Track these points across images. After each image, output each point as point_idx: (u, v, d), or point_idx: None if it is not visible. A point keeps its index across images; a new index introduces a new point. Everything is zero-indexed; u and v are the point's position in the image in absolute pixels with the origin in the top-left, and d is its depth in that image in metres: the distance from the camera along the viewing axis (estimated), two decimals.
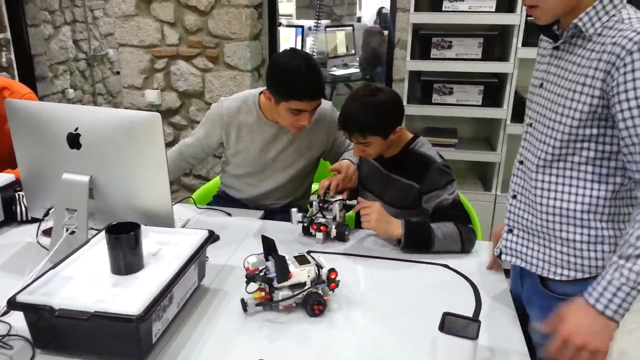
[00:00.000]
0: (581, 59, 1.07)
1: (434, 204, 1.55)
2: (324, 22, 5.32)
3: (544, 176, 1.15)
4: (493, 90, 2.69)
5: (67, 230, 1.34)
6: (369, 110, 1.50)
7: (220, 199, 1.99)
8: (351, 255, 1.50)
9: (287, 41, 5.02)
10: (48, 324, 1.00)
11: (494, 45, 2.69)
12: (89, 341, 1.02)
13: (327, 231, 1.56)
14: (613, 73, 1.00)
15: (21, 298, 1.01)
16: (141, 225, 1.14)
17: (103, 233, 1.25)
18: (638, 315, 1.17)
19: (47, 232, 1.45)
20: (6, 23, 3.55)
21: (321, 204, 1.59)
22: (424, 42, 2.70)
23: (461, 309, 1.12)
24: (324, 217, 1.58)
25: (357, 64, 5.42)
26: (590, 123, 1.06)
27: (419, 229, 1.49)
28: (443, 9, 2.59)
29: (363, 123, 1.50)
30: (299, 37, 5.00)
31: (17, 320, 1.07)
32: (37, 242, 1.47)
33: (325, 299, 1.21)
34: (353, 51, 5.42)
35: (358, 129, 1.52)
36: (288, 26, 5.13)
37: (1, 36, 3.53)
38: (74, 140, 1.34)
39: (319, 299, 1.20)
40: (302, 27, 5.00)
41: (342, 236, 1.57)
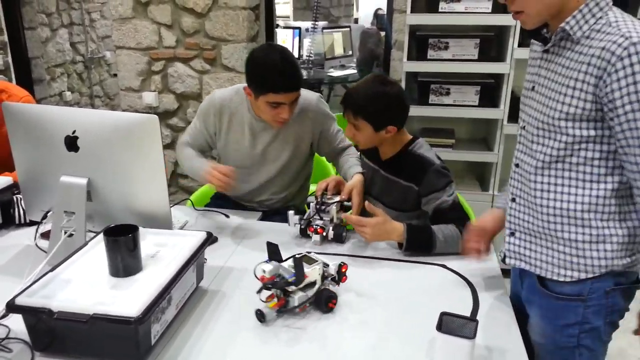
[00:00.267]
0: (570, 62, 1.08)
1: (434, 206, 1.55)
2: (321, 24, 5.32)
3: (543, 177, 1.15)
4: (490, 90, 2.70)
5: (66, 232, 1.34)
6: (369, 95, 1.55)
7: (218, 200, 1.99)
8: (349, 256, 1.50)
9: (285, 42, 5.03)
10: (47, 327, 1.01)
11: (490, 46, 2.70)
12: (88, 343, 1.02)
13: (324, 233, 1.56)
14: (605, 78, 1.00)
15: (20, 301, 1.01)
16: (139, 227, 1.15)
17: (101, 235, 1.25)
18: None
19: (46, 235, 1.45)
20: (3, 26, 3.55)
21: (318, 206, 1.59)
22: (421, 43, 2.71)
23: (459, 309, 1.12)
24: (321, 219, 1.58)
25: (355, 65, 5.43)
26: (586, 125, 1.06)
27: (421, 232, 1.49)
28: (439, 10, 2.59)
29: (358, 104, 1.56)
30: (296, 39, 5.00)
31: (16, 323, 1.07)
32: (36, 245, 1.47)
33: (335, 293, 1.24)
34: (350, 52, 5.43)
35: (352, 108, 1.57)
36: (285, 28, 5.14)
37: None
38: (72, 142, 1.34)
39: (332, 294, 1.23)
40: (300, 29, 5.01)
41: (340, 237, 1.57)
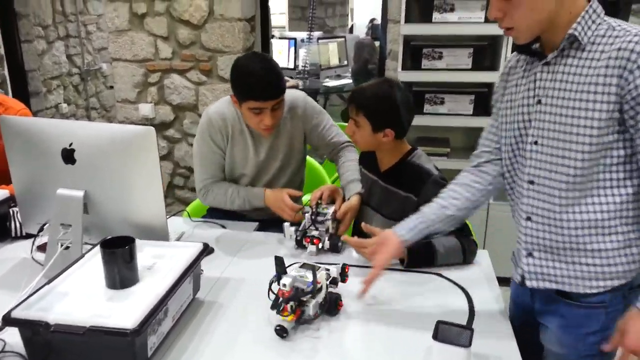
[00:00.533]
0: (582, 69, 1.06)
1: None
2: (317, 34, 5.38)
3: (568, 192, 1.11)
4: (484, 99, 2.72)
5: (62, 245, 1.34)
6: (376, 93, 1.59)
7: (215, 210, 1.98)
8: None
9: (280, 53, 5.07)
10: (43, 340, 1.00)
11: (484, 55, 2.73)
12: (85, 356, 1.02)
13: (320, 244, 1.56)
14: (627, 76, 1.00)
15: (16, 314, 1.01)
16: (136, 239, 1.15)
17: (98, 248, 1.25)
18: None
19: (42, 248, 1.45)
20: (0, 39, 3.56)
21: (313, 216, 1.60)
22: (415, 53, 2.73)
23: (455, 317, 1.13)
24: (317, 229, 1.59)
25: (350, 75, 5.47)
26: (607, 130, 1.05)
27: (422, 247, 1.48)
28: (433, 21, 2.62)
29: (362, 100, 1.59)
30: (292, 49, 5.04)
31: (12, 336, 1.06)
32: (32, 258, 1.47)
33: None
34: (345, 62, 5.47)
35: (355, 102, 1.59)
36: (281, 38, 5.18)
37: None
38: (69, 155, 1.35)
39: (337, 296, 1.25)
40: (295, 39, 5.05)
41: (336, 247, 1.58)
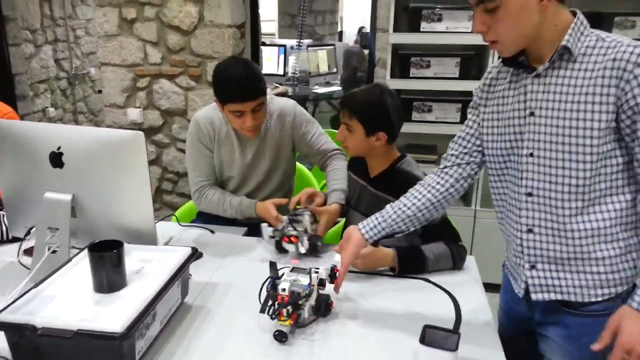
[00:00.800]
0: (576, 80, 1.07)
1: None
2: (306, 42, 5.40)
3: (576, 202, 1.12)
4: None
5: (49, 249, 1.34)
6: (369, 99, 1.62)
7: (204, 215, 1.99)
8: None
9: (270, 60, 5.08)
10: (30, 344, 1.00)
11: (471, 64, 2.77)
12: None
13: (299, 242, 1.55)
14: (624, 86, 1.01)
15: (2, 317, 1.00)
16: (124, 243, 1.15)
17: (85, 251, 1.25)
18: None
19: (29, 252, 1.44)
20: None
21: (291, 217, 1.61)
22: (404, 62, 2.77)
23: (441, 322, 1.14)
24: (295, 230, 1.59)
25: (339, 82, 5.50)
26: (605, 139, 1.06)
27: (412, 255, 1.50)
28: (421, 30, 2.66)
29: (356, 104, 1.61)
30: (282, 56, 5.06)
31: None
32: (19, 262, 1.46)
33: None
34: (335, 70, 5.50)
35: (349, 107, 1.62)
36: (270, 45, 5.20)
37: None
38: (57, 159, 1.34)
39: (326, 297, 1.26)
40: (285, 46, 5.07)
41: (315, 247, 1.57)
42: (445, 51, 2.71)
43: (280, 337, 1.16)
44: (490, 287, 1.45)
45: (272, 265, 1.24)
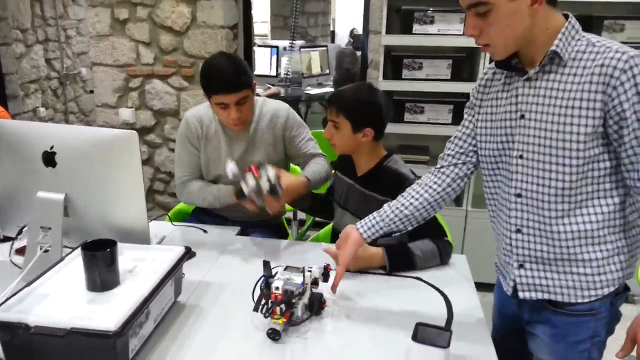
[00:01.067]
0: (565, 84, 1.08)
1: None
2: (299, 43, 5.41)
3: (562, 204, 1.13)
4: (462, 109, 2.73)
5: (41, 248, 1.33)
6: (356, 94, 1.64)
7: (199, 214, 2.01)
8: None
9: (263, 61, 5.08)
10: (23, 342, 0.99)
11: (462, 66, 2.79)
12: (65, 359, 1.01)
13: (260, 177, 1.54)
14: (611, 92, 1.02)
15: None
16: (117, 242, 1.15)
17: (77, 251, 1.25)
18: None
19: (21, 251, 1.43)
20: None
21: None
22: (396, 63, 2.78)
23: (433, 320, 1.15)
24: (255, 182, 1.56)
25: (332, 84, 5.51)
26: (592, 144, 1.07)
27: (400, 254, 1.52)
28: (413, 32, 2.68)
29: (342, 100, 1.63)
30: (274, 57, 5.07)
31: None
32: (10, 261, 1.45)
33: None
34: (327, 71, 5.52)
35: (336, 103, 1.63)
36: (263, 46, 5.20)
37: None
38: (49, 158, 1.34)
39: (319, 295, 1.27)
40: (277, 47, 5.08)
41: (274, 189, 1.54)
42: (437, 53, 2.73)
43: (273, 335, 1.17)
44: (481, 287, 1.47)
45: (266, 264, 1.24)
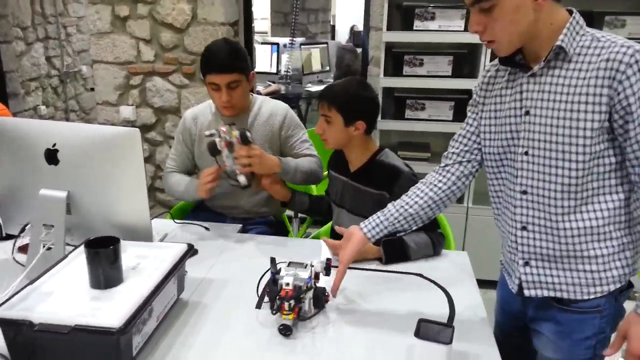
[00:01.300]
0: (570, 80, 1.08)
1: None
2: (299, 40, 5.40)
3: (568, 201, 1.13)
4: (463, 106, 2.75)
5: (44, 246, 1.33)
6: (347, 89, 1.67)
7: (198, 211, 2.05)
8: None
9: (263, 58, 5.07)
10: (27, 340, 1.00)
11: (463, 62, 2.79)
12: (69, 356, 1.02)
13: (231, 129, 1.66)
14: (617, 87, 1.02)
15: None
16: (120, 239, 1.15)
17: (80, 248, 1.25)
18: None
19: (23, 249, 1.44)
20: None
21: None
22: (397, 60, 2.78)
23: (436, 316, 1.16)
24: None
25: (332, 81, 5.50)
26: (598, 139, 1.07)
27: (395, 245, 1.54)
28: (414, 28, 2.68)
29: (334, 94, 1.66)
30: (274, 54, 5.06)
31: None
32: (13, 259, 1.45)
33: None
34: (328, 68, 5.50)
35: (327, 98, 1.66)
36: (263, 43, 5.19)
37: None
38: (52, 156, 1.34)
39: (322, 289, 1.28)
40: (278, 44, 5.07)
41: (244, 135, 1.65)
42: (438, 49, 2.73)
43: (285, 331, 1.17)
44: (482, 284, 1.47)
45: (272, 260, 1.25)
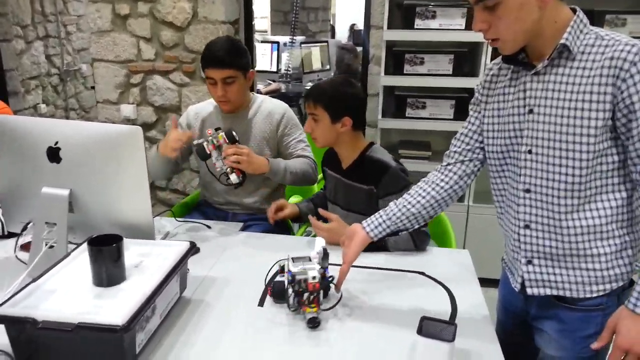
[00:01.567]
0: (574, 78, 1.08)
1: None
2: (299, 38, 5.40)
3: (571, 200, 1.13)
4: (464, 104, 2.78)
5: (46, 244, 1.33)
6: (332, 86, 1.69)
7: (200, 207, 2.07)
8: (331, 265, 1.52)
9: (263, 57, 5.07)
10: (30, 337, 1.00)
11: (464, 61, 2.79)
12: (72, 354, 1.02)
13: (216, 137, 1.70)
14: (620, 85, 1.02)
15: (3, 311, 1.00)
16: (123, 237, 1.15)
17: (83, 246, 1.25)
18: None
19: (25, 247, 1.44)
20: None
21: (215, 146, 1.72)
22: (398, 58, 2.78)
23: (438, 314, 1.16)
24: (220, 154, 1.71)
25: None
26: (602, 137, 1.07)
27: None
28: (415, 27, 2.68)
29: (319, 92, 1.68)
30: (275, 53, 5.05)
31: None
32: (15, 257, 1.45)
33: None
34: (328, 67, 5.49)
35: (313, 96, 1.68)
36: (264, 42, 5.19)
37: None
38: (54, 154, 1.34)
39: (332, 278, 1.31)
40: (278, 43, 5.06)
41: (230, 134, 1.70)
42: (439, 48, 2.73)
43: (313, 324, 1.19)
44: (483, 282, 1.47)
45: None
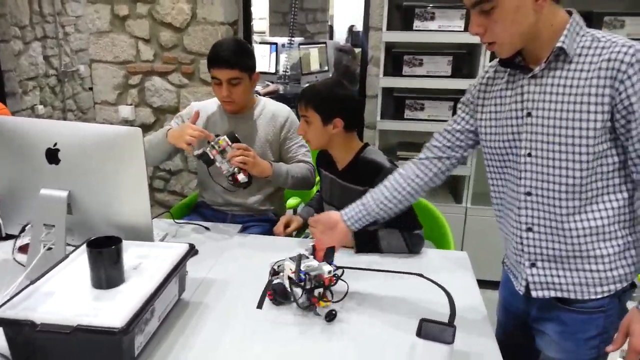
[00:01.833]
0: (572, 80, 1.08)
1: None
2: (298, 40, 5.40)
3: (572, 202, 1.13)
4: None
5: (45, 246, 1.33)
6: (323, 88, 1.69)
7: (198, 208, 2.07)
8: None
9: (262, 58, 5.07)
10: (29, 340, 1.00)
11: (463, 62, 2.79)
12: (71, 356, 1.01)
13: (219, 139, 1.69)
14: (618, 86, 1.02)
15: (0, 313, 1.00)
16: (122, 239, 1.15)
17: (81, 248, 1.25)
18: None
19: (23, 249, 1.43)
20: None
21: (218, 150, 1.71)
22: (396, 60, 2.79)
23: (437, 316, 1.16)
24: (227, 160, 1.71)
25: None
26: (601, 139, 1.07)
27: (368, 239, 1.62)
28: (414, 28, 2.68)
29: (309, 94, 1.68)
30: (273, 54, 5.06)
31: None
32: (13, 259, 1.45)
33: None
34: (326, 68, 5.50)
35: (304, 98, 1.68)
36: (262, 43, 5.19)
37: None
38: (53, 155, 1.34)
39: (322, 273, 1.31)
40: (276, 44, 5.07)
41: (232, 134, 1.71)
42: (437, 49, 2.73)
43: (331, 318, 1.23)
44: (481, 284, 1.47)
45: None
